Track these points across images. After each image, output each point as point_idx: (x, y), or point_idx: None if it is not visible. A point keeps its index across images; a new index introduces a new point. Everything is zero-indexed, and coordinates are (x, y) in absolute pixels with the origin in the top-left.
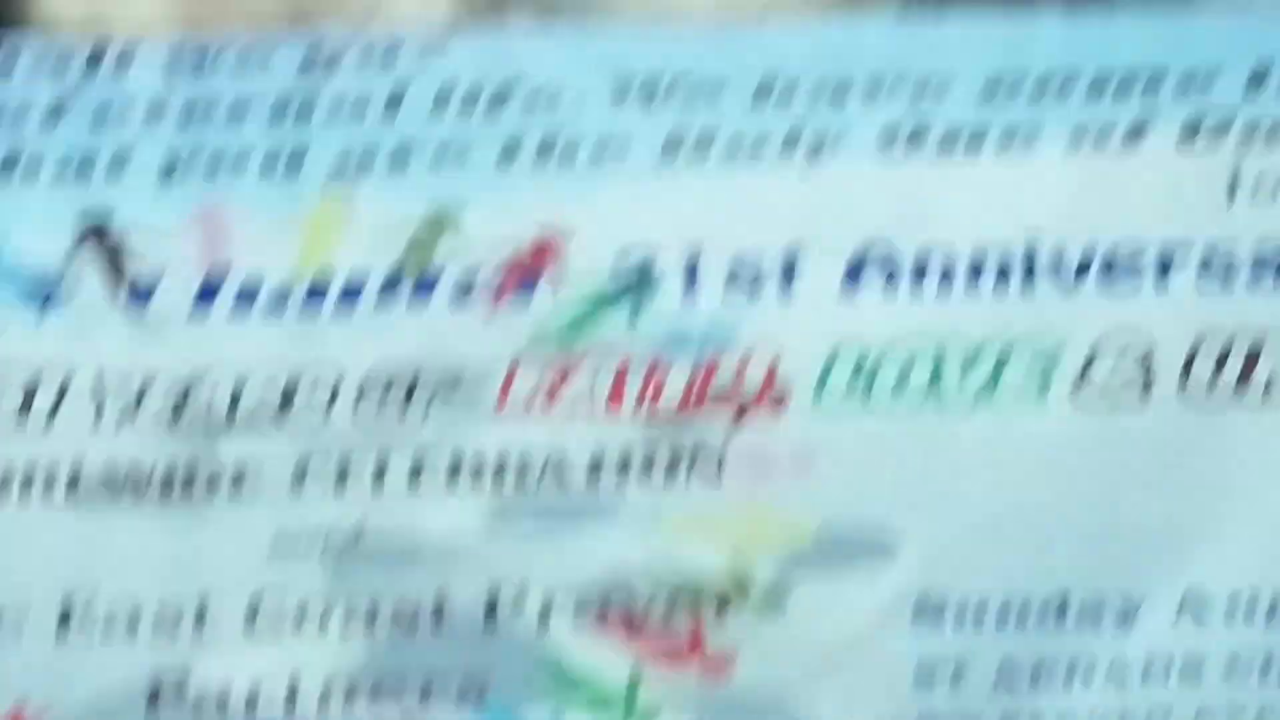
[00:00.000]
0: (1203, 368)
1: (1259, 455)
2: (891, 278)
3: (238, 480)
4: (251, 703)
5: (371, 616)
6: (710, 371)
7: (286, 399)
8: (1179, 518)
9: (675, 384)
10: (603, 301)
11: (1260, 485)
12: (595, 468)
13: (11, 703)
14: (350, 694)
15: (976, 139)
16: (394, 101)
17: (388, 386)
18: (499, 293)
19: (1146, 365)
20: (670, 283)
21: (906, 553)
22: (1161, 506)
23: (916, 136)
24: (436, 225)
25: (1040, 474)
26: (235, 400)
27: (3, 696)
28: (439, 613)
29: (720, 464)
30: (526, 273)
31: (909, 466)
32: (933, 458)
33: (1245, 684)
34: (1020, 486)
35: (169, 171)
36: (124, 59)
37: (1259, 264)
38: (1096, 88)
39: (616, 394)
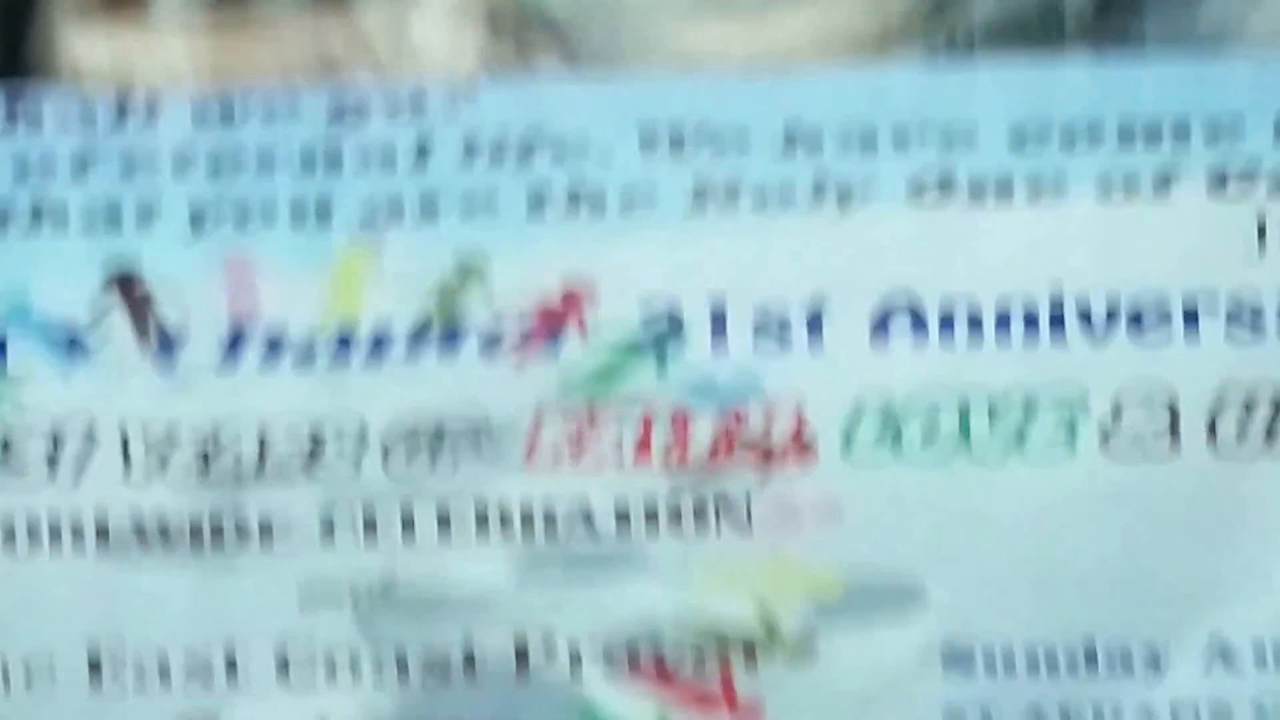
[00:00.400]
0: (1230, 417)
1: None
2: (919, 327)
3: (266, 530)
4: None
5: (401, 665)
6: (737, 422)
7: (314, 450)
8: (1206, 566)
9: (702, 434)
10: (630, 351)
11: None
12: (622, 518)
13: None
14: None
15: (1005, 188)
16: (421, 151)
17: (415, 437)
18: (526, 343)
19: (1173, 415)
20: (697, 332)
21: (935, 601)
22: (1189, 555)
23: (945, 185)
24: (464, 275)
25: (1068, 524)
26: (263, 451)
27: None
28: (468, 662)
29: (748, 514)
30: (553, 323)
31: (936, 516)
32: (960, 507)
33: None
34: (1048, 536)
35: (196, 222)
36: (151, 109)
37: None
38: (1124, 135)
39: (643, 444)
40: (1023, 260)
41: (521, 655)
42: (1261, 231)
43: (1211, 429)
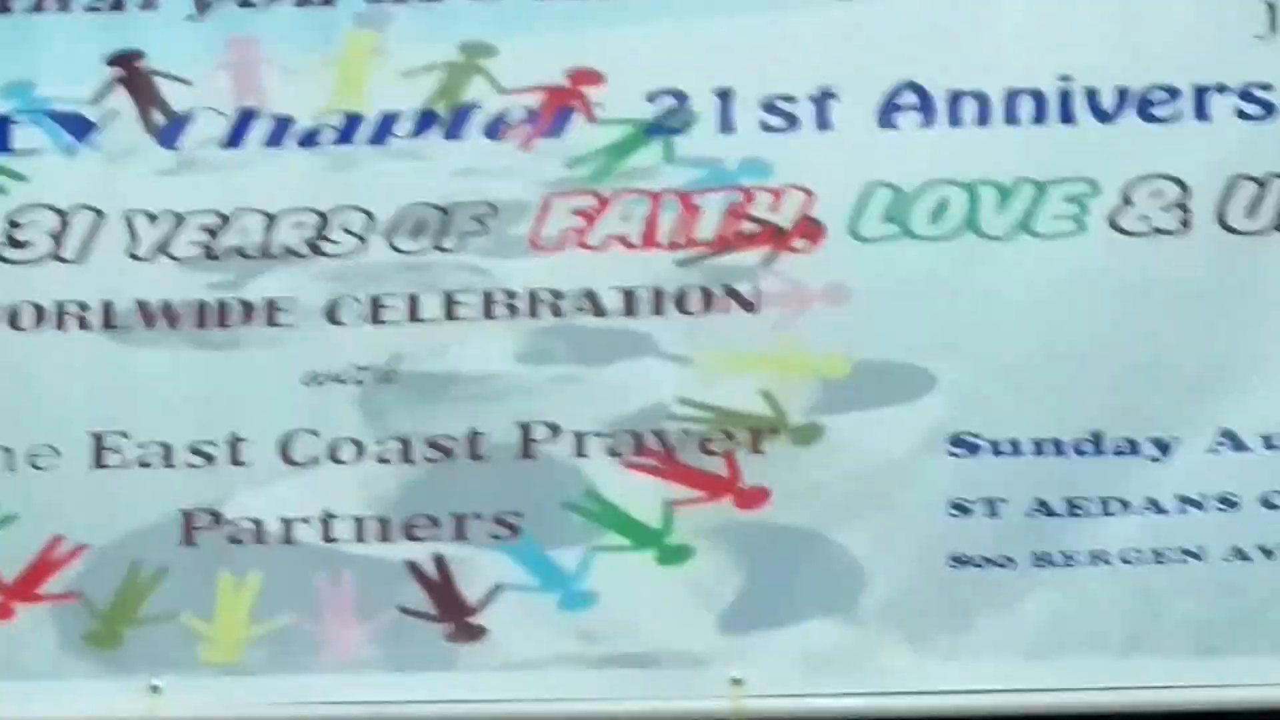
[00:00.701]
0: (1240, 196)
1: None
2: (926, 111)
3: (271, 315)
4: (285, 534)
5: (405, 446)
6: (744, 204)
7: (320, 230)
8: (1215, 353)
9: (709, 219)
10: (636, 138)
11: None
12: (629, 299)
13: (50, 533)
14: (384, 527)
15: None
16: None
17: (421, 222)
18: (533, 126)
19: (1184, 194)
20: (704, 119)
21: (942, 386)
22: (1198, 341)
23: None
24: (469, 62)
25: (1077, 305)
26: (268, 231)
27: (41, 527)
28: (473, 446)
29: (755, 298)
30: (560, 106)
31: (944, 301)
32: (969, 289)
33: None
34: (1056, 318)
35: (201, 8)
36: None
37: None
38: None
39: (650, 226)
40: (1031, 46)
41: (526, 436)
42: (1272, 14)
43: (1222, 207)
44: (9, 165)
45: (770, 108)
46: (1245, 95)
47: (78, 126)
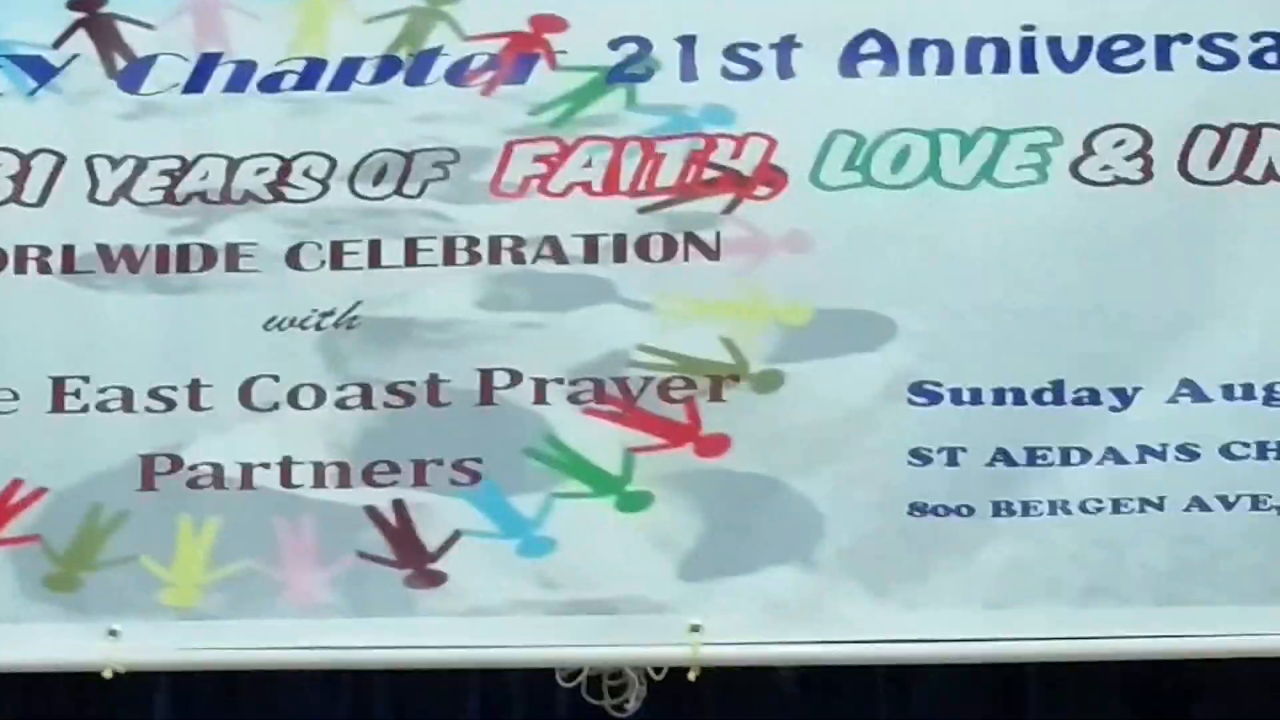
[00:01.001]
0: (1202, 151)
1: (1258, 239)
2: (889, 62)
3: (232, 260)
4: (245, 478)
5: (365, 396)
6: (707, 153)
7: (281, 180)
8: (1177, 304)
9: (671, 166)
10: (599, 84)
11: (1258, 269)
12: (591, 249)
13: (9, 477)
14: (344, 472)
15: None
16: None
17: (383, 168)
18: (495, 72)
19: (1146, 149)
20: (667, 66)
21: (903, 335)
22: (1159, 292)
23: None
24: (432, 8)
25: (1039, 253)
26: (230, 175)
27: (0, 470)
28: (433, 392)
29: (717, 245)
30: (523, 56)
31: (905, 250)
32: (930, 237)
33: (1239, 469)
34: (1018, 267)
35: None
36: None
37: (1261, 46)
38: None
39: (612, 176)
40: None
41: (486, 382)
42: None
43: (1184, 157)
44: None
45: (733, 55)
46: (1208, 45)
47: (39, 70)
